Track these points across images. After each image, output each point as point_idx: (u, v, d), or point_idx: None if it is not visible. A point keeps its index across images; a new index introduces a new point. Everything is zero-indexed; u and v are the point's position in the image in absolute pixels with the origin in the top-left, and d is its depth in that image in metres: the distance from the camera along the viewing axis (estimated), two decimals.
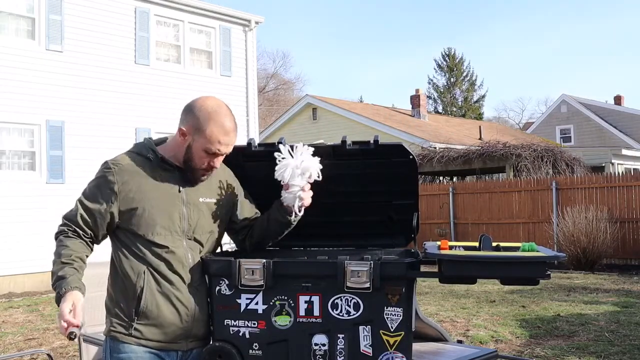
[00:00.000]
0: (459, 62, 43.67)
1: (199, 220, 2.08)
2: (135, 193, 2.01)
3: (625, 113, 28.48)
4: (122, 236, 2.04)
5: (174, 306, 2.02)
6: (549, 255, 1.94)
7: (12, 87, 10.45)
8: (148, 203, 2.01)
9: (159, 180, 2.05)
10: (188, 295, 2.04)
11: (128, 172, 2.03)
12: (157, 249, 2.01)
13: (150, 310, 2.00)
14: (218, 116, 2.02)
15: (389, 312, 2.01)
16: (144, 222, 2.00)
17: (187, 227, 2.06)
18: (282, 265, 2.06)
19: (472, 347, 3.02)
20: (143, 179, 2.03)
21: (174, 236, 2.03)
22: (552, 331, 6.21)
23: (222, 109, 2.04)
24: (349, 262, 2.02)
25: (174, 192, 2.06)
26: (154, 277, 2.01)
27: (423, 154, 16.80)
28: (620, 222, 11.97)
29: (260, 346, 2.06)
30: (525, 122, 45.51)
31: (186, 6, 12.74)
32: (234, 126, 2.06)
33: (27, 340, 6.33)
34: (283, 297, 2.06)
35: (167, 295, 2.01)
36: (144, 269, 2.00)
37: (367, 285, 1.99)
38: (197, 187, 2.10)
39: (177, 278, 2.03)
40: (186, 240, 2.06)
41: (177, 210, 2.05)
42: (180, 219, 2.05)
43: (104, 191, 2.02)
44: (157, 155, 2.07)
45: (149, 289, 2.00)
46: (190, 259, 2.06)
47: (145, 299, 1.99)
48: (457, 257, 2.00)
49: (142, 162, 2.06)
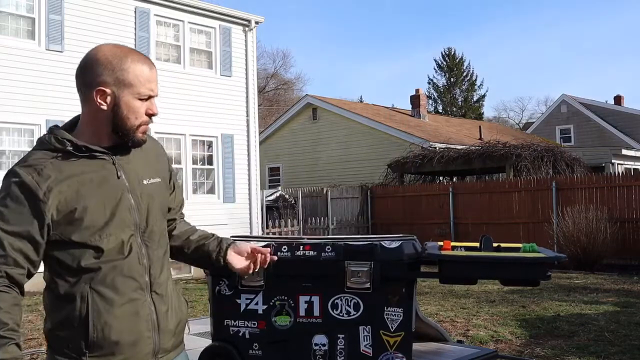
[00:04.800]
0: (459, 62, 43.65)
1: (150, 207, 1.73)
2: (66, 194, 1.60)
3: (625, 113, 28.46)
4: (56, 251, 1.63)
5: (132, 322, 1.64)
6: (550, 256, 1.94)
7: (12, 87, 10.44)
8: (86, 201, 1.61)
9: (90, 172, 1.65)
10: (148, 303, 1.68)
11: (47, 172, 1.60)
12: (103, 257, 1.62)
13: (102, 337, 1.60)
14: (128, 54, 1.68)
15: (389, 312, 2.01)
16: (85, 225, 1.60)
17: (139, 219, 1.69)
18: (282, 264, 2.05)
19: (472, 347, 3.02)
20: (70, 176, 1.62)
21: (126, 233, 1.66)
22: (552, 331, 6.20)
23: (121, 47, 1.71)
24: (349, 262, 2.02)
25: (113, 181, 1.67)
26: (100, 295, 1.61)
27: (423, 154, 16.80)
28: (620, 222, 11.96)
29: (260, 346, 2.06)
30: (525, 122, 45.50)
31: (186, 6, 12.74)
32: (149, 59, 1.73)
33: (27, 340, 6.32)
34: (283, 297, 2.06)
35: (121, 312, 1.62)
36: (86, 288, 1.60)
37: (367, 285, 1.99)
38: (135, 168, 1.73)
39: (131, 285, 1.65)
40: (140, 235, 1.69)
41: (123, 202, 1.67)
42: (129, 211, 1.67)
43: (26, 206, 1.57)
44: (77, 143, 1.65)
45: (96, 311, 1.60)
46: (146, 257, 1.70)
47: (93, 325, 1.59)
48: (457, 258, 1.99)
49: (62, 158, 1.64)
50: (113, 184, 1.67)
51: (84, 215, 1.61)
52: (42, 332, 6.88)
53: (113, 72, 1.65)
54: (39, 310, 8.14)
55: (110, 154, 1.69)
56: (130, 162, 1.73)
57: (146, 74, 1.68)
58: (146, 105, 1.69)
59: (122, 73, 1.65)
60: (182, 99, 12.58)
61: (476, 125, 25.70)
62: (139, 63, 1.68)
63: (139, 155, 1.76)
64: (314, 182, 19.82)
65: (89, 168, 1.65)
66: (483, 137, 21.23)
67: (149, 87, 1.68)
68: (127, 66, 1.66)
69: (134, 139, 1.70)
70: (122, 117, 1.67)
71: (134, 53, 1.70)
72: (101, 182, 1.65)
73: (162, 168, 1.84)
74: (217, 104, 12.95)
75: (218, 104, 12.97)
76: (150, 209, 1.73)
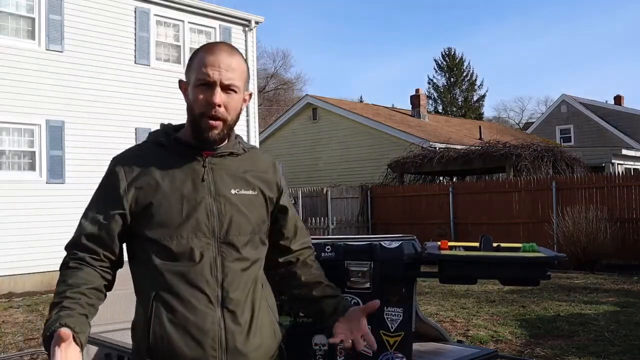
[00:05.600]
0: (459, 62, 43.65)
1: (233, 218, 1.59)
2: (147, 188, 1.57)
3: (625, 113, 28.46)
4: (136, 247, 1.60)
5: (195, 337, 1.51)
6: (549, 255, 1.94)
7: (12, 87, 10.45)
8: (164, 198, 1.56)
9: (176, 169, 1.59)
10: (218, 318, 1.53)
11: (136, 164, 1.60)
12: (171, 260, 1.53)
13: (163, 347, 1.51)
14: (204, 45, 1.63)
15: (389, 312, 2.01)
16: (158, 222, 1.55)
17: (218, 227, 1.57)
18: None
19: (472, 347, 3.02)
20: (156, 169, 1.59)
21: (201, 239, 1.55)
22: (552, 331, 6.20)
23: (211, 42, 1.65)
24: (348, 262, 2.02)
25: (196, 182, 1.59)
26: (164, 303, 1.52)
27: (423, 154, 16.80)
28: (620, 222, 11.96)
29: None
30: (525, 122, 45.49)
31: (186, 6, 12.74)
32: (224, 47, 1.61)
33: (27, 340, 6.32)
34: (283, 297, 2.06)
35: (183, 324, 1.51)
36: (152, 293, 1.53)
37: (367, 285, 1.99)
38: (227, 175, 1.63)
39: (198, 296, 1.53)
40: (217, 244, 1.57)
41: (202, 206, 1.57)
42: (208, 216, 1.57)
43: (110, 193, 1.58)
44: (171, 137, 1.63)
45: (158, 318, 1.52)
46: (220, 269, 1.55)
47: (154, 333, 1.51)
48: (457, 258, 1.99)
49: (154, 150, 1.63)
50: (196, 186, 1.58)
51: (158, 211, 1.55)
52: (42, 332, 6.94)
53: (188, 64, 1.64)
54: (39, 310, 8.14)
55: (203, 155, 1.62)
56: (223, 168, 1.63)
57: (207, 59, 1.56)
58: (205, 94, 1.56)
59: (190, 61, 1.62)
60: (182, 98, 12.54)
61: (476, 125, 25.70)
62: (202, 50, 1.60)
63: (237, 163, 1.66)
64: (314, 182, 19.82)
65: (176, 165, 1.60)
66: (483, 137, 21.24)
67: (205, 71, 1.55)
68: (196, 53, 1.60)
69: (201, 131, 1.58)
70: (189, 106, 1.61)
71: (213, 42, 1.65)
72: (184, 181, 1.58)
73: (264, 183, 1.69)
74: None
75: None
76: (234, 220, 1.59)
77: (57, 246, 9.81)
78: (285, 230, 1.74)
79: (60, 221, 10.49)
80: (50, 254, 10.25)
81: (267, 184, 1.69)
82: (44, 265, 10.26)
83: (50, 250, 10.28)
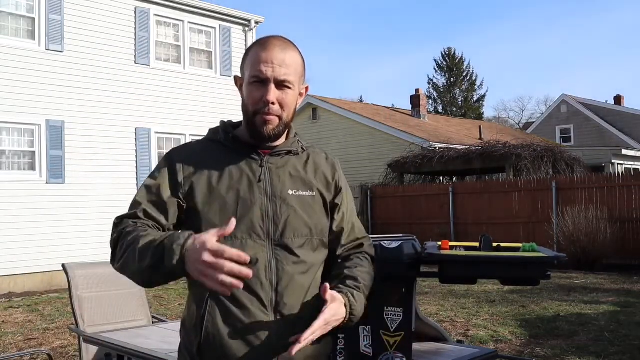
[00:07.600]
0: (459, 62, 43.67)
1: (289, 220, 1.55)
2: (202, 185, 1.54)
3: (625, 113, 28.48)
4: None
5: (246, 340, 1.49)
6: (549, 255, 1.94)
7: (12, 87, 10.44)
8: (218, 197, 1.53)
9: (233, 167, 1.56)
10: (271, 324, 1.50)
11: (193, 160, 1.58)
12: None
13: (214, 347, 1.50)
14: (258, 40, 1.59)
15: (389, 312, 2.01)
16: (210, 222, 1.51)
17: (273, 229, 1.53)
18: None
19: (472, 347, 3.02)
20: (212, 167, 1.56)
21: (255, 241, 1.52)
22: (552, 331, 6.21)
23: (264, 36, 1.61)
24: None
25: (252, 182, 1.55)
26: (218, 302, 1.50)
27: (423, 154, 16.80)
28: (620, 222, 11.96)
29: None
30: (525, 122, 45.50)
31: (186, 6, 12.74)
32: (277, 41, 1.56)
33: (27, 340, 6.32)
34: None
35: (235, 326, 1.49)
36: (207, 293, 1.50)
37: None
38: (285, 175, 1.59)
39: (251, 299, 1.50)
40: (272, 247, 1.53)
41: (256, 206, 1.53)
42: (263, 217, 1.53)
43: (167, 178, 1.56)
44: (229, 135, 1.61)
45: (211, 317, 1.50)
46: (274, 272, 1.52)
47: (207, 332, 1.50)
48: (457, 258, 1.99)
49: (212, 148, 1.61)
50: (251, 185, 1.55)
51: (210, 208, 1.52)
52: (42, 332, 6.90)
53: (242, 59, 1.61)
54: (39, 310, 8.14)
55: (261, 154, 1.58)
56: (281, 168, 1.59)
57: (259, 55, 1.53)
58: (259, 92, 1.53)
59: (245, 57, 1.58)
60: (182, 99, 12.58)
61: (476, 125, 25.71)
62: (260, 43, 1.56)
63: (296, 163, 1.63)
64: None
65: (233, 163, 1.57)
66: (483, 137, 21.24)
67: (258, 68, 1.52)
68: (250, 49, 1.57)
69: (256, 128, 1.55)
70: (243, 104, 1.59)
71: (267, 37, 1.59)
72: (240, 180, 1.55)
73: (323, 184, 1.64)
74: (217, 104, 12.94)
75: (218, 103, 12.96)
76: (289, 222, 1.55)
77: (57, 246, 9.87)
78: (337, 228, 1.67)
79: (61, 221, 10.50)
80: (50, 254, 10.25)
81: (326, 184, 1.65)
82: (44, 265, 10.27)
83: (50, 250, 10.29)
